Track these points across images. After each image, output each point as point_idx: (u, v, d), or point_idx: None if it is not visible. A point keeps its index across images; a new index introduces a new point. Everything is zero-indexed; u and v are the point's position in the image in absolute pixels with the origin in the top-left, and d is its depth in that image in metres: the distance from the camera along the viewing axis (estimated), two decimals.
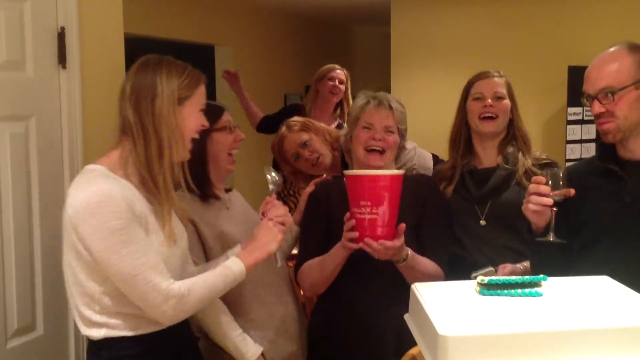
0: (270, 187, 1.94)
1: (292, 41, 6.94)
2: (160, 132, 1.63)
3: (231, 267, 1.71)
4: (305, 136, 2.79)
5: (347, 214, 1.92)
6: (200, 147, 1.98)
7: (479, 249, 2.20)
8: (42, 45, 2.19)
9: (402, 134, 2.15)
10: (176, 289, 1.59)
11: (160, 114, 1.63)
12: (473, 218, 2.23)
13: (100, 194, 1.55)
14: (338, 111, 3.98)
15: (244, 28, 6.03)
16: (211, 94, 2.19)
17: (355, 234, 1.89)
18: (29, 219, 2.14)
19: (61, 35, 2.24)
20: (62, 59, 2.25)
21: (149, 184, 1.63)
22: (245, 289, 2.02)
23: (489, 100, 2.24)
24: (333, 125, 3.83)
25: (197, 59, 1.77)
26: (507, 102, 2.27)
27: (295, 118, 2.94)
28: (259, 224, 1.85)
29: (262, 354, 1.99)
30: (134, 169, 1.64)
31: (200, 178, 1.96)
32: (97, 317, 1.61)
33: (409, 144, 2.42)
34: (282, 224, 1.81)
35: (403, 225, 1.92)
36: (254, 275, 2.04)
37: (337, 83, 3.95)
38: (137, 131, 1.63)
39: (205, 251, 1.97)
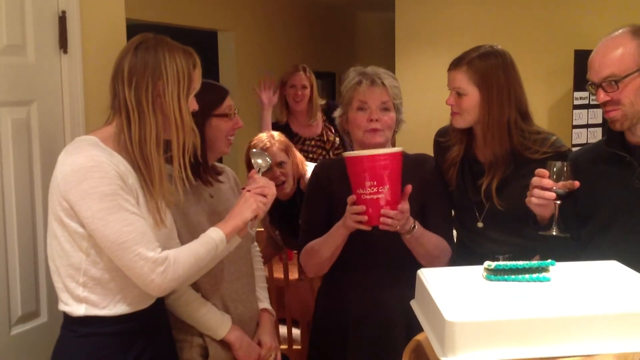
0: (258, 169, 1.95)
1: (296, 27, 6.89)
2: (157, 115, 1.63)
3: (211, 235, 1.74)
4: (283, 156, 2.81)
5: (351, 196, 1.91)
6: (199, 130, 1.95)
7: (478, 242, 2.17)
8: (43, 30, 2.16)
9: (398, 109, 2.11)
10: (162, 257, 1.60)
11: (162, 96, 1.63)
12: (470, 218, 2.18)
13: (91, 159, 1.55)
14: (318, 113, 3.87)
15: (247, 13, 5.98)
16: (214, 80, 2.17)
17: (365, 218, 1.88)
18: (31, 204, 2.13)
19: (62, 20, 2.21)
20: (63, 44, 2.22)
21: (140, 165, 1.63)
22: (222, 286, 2.01)
23: (450, 98, 2.11)
24: (313, 125, 3.82)
25: (200, 44, 1.75)
26: (466, 97, 2.06)
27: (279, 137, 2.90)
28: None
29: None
30: (125, 147, 1.63)
31: (196, 160, 1.91)
32: (80, 291, 1.62)
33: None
34: (262, 195, 1.83)
35: (409, 187, 1.91)
36: (233, 270, 2.04)
37: (298, 90, 3.82)
38: (132, 111, 1.62)
39: None
